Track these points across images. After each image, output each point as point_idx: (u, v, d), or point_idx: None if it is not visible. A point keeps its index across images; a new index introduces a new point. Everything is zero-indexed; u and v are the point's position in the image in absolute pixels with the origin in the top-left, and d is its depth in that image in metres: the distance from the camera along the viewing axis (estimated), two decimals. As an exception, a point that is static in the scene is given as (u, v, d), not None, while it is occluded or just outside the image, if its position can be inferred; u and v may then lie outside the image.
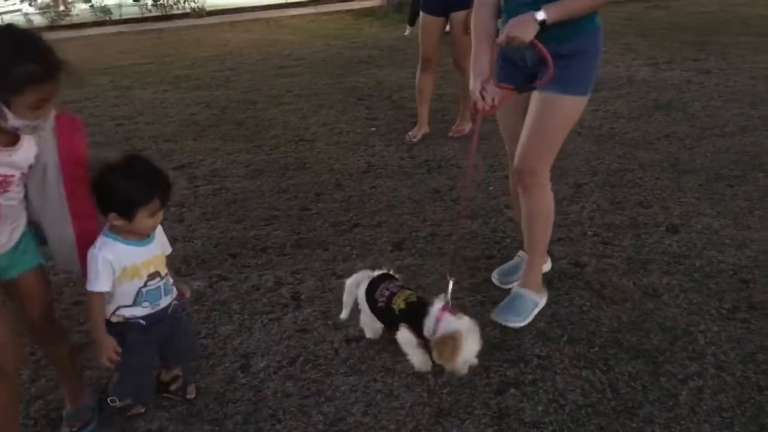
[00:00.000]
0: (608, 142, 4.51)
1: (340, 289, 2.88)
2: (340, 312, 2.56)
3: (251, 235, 3.47)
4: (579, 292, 2.76)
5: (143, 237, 1.96)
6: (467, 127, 4.75)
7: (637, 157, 4.11)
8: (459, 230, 2.98)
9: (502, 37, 2.22)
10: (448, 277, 2.36)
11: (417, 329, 2.23)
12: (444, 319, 2.17)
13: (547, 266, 2.89)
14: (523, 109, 2.48)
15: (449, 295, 2.30)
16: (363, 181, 4.07)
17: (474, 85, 2.33)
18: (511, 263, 2.90)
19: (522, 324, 2.54)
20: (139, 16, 12.07)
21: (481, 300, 2.74)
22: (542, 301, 2.64)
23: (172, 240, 3.45)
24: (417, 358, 2.27)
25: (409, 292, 2.34)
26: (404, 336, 2.25)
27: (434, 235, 3.33)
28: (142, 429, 2.14)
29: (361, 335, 2.54)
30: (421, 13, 4.52)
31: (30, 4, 13.48)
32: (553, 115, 2.37)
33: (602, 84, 5.62)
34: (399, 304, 2.28)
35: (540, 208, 2.55)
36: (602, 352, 2.38)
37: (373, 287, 2.37)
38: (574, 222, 3.27)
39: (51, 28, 11.42)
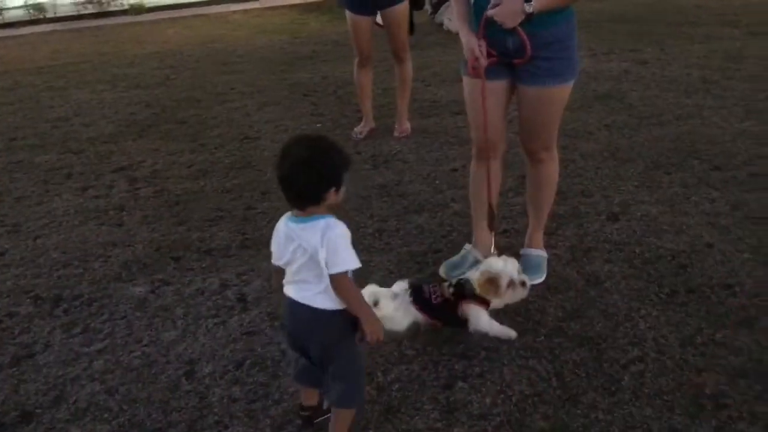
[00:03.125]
0: (551, 132, 4.56)
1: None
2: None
3: (195, 237, 3.39)
4: (524, 282, 2.79)
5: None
6: (409, 125, 4.72)
7: (578, 147, 4.18)
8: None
9: (489, 12, 2.34)
10: (490, 231, 2.79)
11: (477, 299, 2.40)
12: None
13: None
14: (496, 96, 2.57)
15: (493, 247, 2.75)
16: (309, 179, 4.02)
17: (470, 44, 2.44)
18: (458, 256, 2.91)
19: (543, 279, 2.79)
20: (75, 13, 11.61)
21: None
22: (546, 254, 2.91)
23: (111, 245, 3.37)
24: (494, 327, 2.41)
25: (445, 283, 2.49)
26: (474, 312, 2.39)
27: (381, 231, 3.32)
28: (83, 443, 2.07)
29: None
30: (347, 12, 4.45)
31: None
32: (554, 103, 2.59)
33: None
34: (447, 291, 2.41)
35: (552, 174, 2.79)
36: (548, 341, 2.42)
37: (418, 290, 2.42)
38: (519, 213, 3.30)
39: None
